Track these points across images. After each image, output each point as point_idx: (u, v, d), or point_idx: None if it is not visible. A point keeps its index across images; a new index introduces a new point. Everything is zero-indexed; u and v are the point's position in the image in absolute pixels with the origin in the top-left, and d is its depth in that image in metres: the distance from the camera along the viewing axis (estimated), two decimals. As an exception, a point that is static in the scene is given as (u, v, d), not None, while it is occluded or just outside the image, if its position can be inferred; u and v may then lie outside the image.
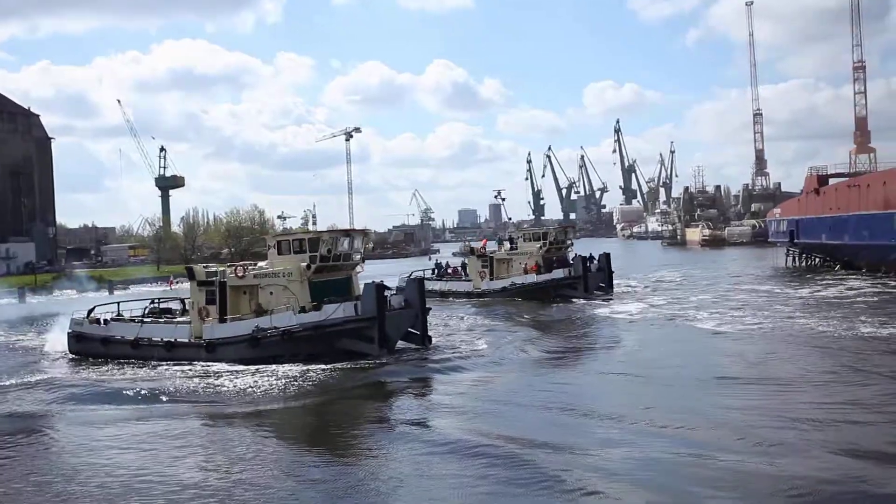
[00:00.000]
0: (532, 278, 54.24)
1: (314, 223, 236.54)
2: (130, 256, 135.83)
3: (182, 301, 36.76)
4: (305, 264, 32.00)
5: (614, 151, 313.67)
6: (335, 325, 30.31)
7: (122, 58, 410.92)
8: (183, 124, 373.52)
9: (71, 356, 34.44)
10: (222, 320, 31.82)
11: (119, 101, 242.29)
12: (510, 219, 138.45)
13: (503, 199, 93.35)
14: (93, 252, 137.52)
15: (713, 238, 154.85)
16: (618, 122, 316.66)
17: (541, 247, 56.99)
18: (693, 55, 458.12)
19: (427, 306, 33.18)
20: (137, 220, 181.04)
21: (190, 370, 29.45)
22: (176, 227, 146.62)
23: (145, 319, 34.43)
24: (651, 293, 55.01)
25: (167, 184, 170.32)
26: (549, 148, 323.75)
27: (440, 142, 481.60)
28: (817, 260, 74.76)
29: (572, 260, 56.30)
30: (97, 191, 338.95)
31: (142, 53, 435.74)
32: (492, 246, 62.97)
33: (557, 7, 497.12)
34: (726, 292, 53.18)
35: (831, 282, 56.18)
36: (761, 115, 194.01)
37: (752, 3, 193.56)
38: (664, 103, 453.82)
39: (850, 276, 59.17)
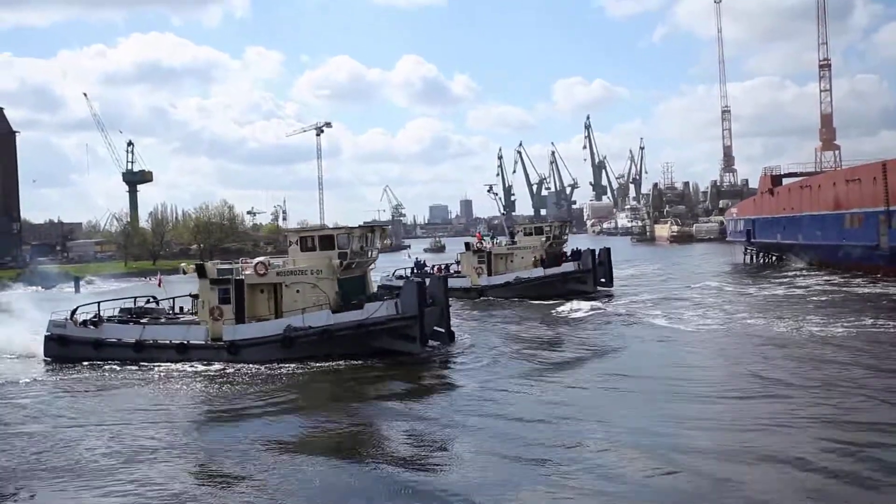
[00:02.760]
0: (539, 272, 52.71)
1: (284, 219, 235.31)
2: (97, 252, 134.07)
3: (155, 299, 35.62)
4: (338, 261, 31.03)
5: (584, 147, 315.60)
6: (378, 324, 29.45)
7: (87, 51, 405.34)
8: (150, 118, 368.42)
9: (47, 361, 32.05)
10: (240, 320, 30.49)
11: (86, 95, 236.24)
12: (503, 213, 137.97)
13: (496, 194, 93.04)
14: (58, 248, 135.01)
15: (681, 234, 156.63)
16: (588, 118, 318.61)
17: (545, 241, 55.85)
18: (660, 52, 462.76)
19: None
20: (104, 216, 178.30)
21: (254, 371, 28.23)
22: (144, 222, 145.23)
23: (141, 321, 32.61)
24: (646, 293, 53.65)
25: (135, 179, 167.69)
26: (521, 144, 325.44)
27: (410, 137, 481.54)
28: (773, 258, 76.29)
29: (570, 254, 55.33)
30: (63, 186, 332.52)
31: (108, 47, 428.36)
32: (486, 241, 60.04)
33: (526, 4, 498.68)
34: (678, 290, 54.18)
35: (784, 280, 57.36)
36: (729, 111, 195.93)
37: (720, 0, 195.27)
38: (632, 100, 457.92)
39: (801, 275, 60.33)
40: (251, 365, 28.90)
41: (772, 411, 20.02)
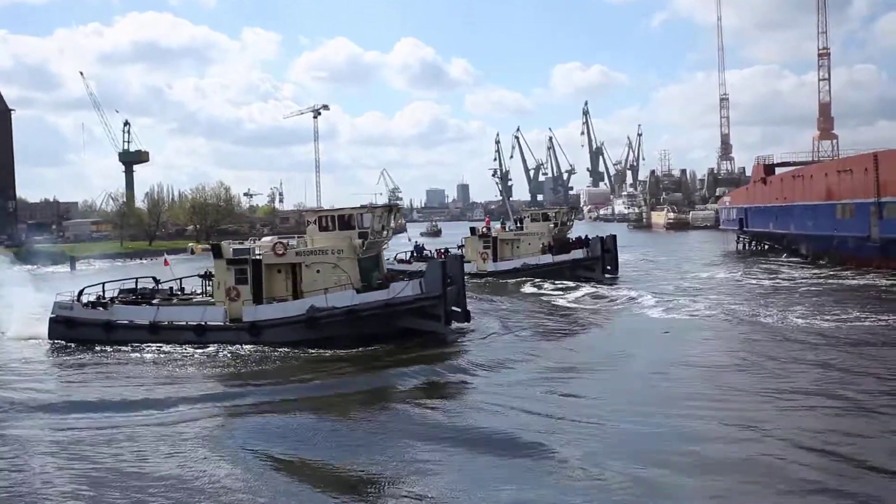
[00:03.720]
0: (548, 259, 52.68)
1: (281, 201, 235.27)
2: (93, 232, 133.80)
3: (155, 280, 35.21)
4: (360, 241, 31.01)
5: (582, 133, 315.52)
6: (404, 304, 29.55)
7: (84, 29, 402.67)
8: (147, 98, 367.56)
9: (53, 343, 31.38)
10: (257, 301, 30.29)
11: (82, 74, 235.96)
12: (502, 197, 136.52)
13: (499, 179, 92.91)
14: (54, 227, 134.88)
15: (677, 221, 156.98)
16: (586, 104, 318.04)
17: (553, 226, 55.67)
18: (659, 38, 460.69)
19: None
20: (100, 196, 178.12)
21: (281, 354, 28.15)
22: (140, 202, 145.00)
23: (152, 302, 32.11)
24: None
25: (131, 158, 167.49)
26: (518, 129, 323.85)
27: (408, 121, 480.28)
28: (765, 246, 76.64)
29: (574, 241, 55.33)
30: (59, 165, 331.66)
31: (105, 25, 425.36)
32: (495, 226, 60.41)
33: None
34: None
35: (772, 268, 57.90)
36: (727, 99, 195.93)
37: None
38: (631, 86, 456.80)
39: (787, 264, 60.90)
40: (274, 347, 28.73)
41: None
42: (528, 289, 48.15)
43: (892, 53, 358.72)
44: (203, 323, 30.07)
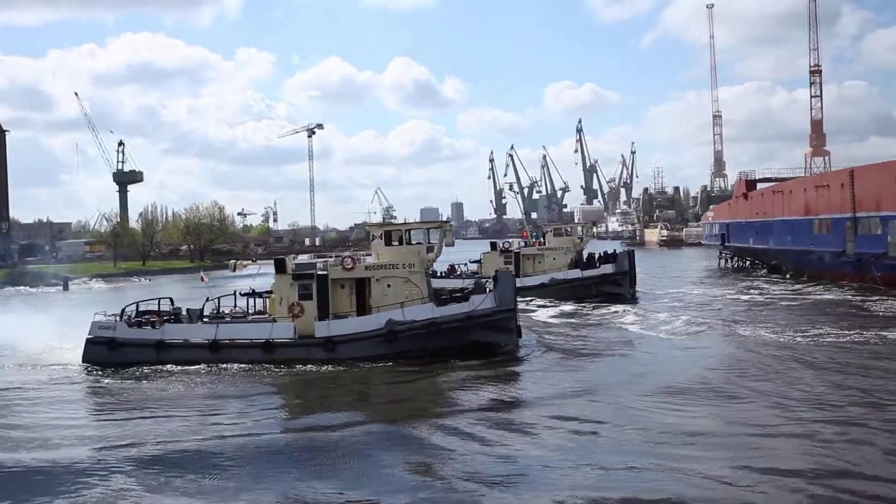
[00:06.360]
0: (576, 273, 51.72)
1: (275, 220, 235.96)
2: (86, 252, 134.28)
3: (171, 301, 32.91)
4: (432, 255, 31.08)
5: (576, 151, 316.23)
6: (483, 317, 29.51)
7: (78, 51, 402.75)
8: (141, 118, 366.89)
9: (91, 367, 29.31)
10: (323, 316, 29.59)
11: (77, 95, 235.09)
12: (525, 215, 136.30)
13: (516, 193, 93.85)
14: (48, 248, 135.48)
15: (671, 239, 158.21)
16: (580, 121, 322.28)
17: (579, 240, 55.22)
18: (650, 57, 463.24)
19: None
20: (94, 216, 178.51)
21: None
22: (134, 222, 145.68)
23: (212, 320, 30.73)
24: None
25: (126, 179, 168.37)
26: (512, 147, 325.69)
27: (402, 140, 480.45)
28: (747, 262, 77.46)
29: (600, 256, 54.64)
30: (53, 185, 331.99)
31: (99, 46, 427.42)
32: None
33: (517, 8, 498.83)
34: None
35: (752, 285, 58.46)
36: (720, 116, 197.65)
37: (712, 5, 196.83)
38: (623, 104, 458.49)
39: (765, 281, 61.51)
40: (351, 363, 28.32)
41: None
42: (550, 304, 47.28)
43: (880, 70, 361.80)
44: (271, 339, 29.20)
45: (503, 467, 16.72)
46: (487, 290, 30.47)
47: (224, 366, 28.50)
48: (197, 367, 28.50)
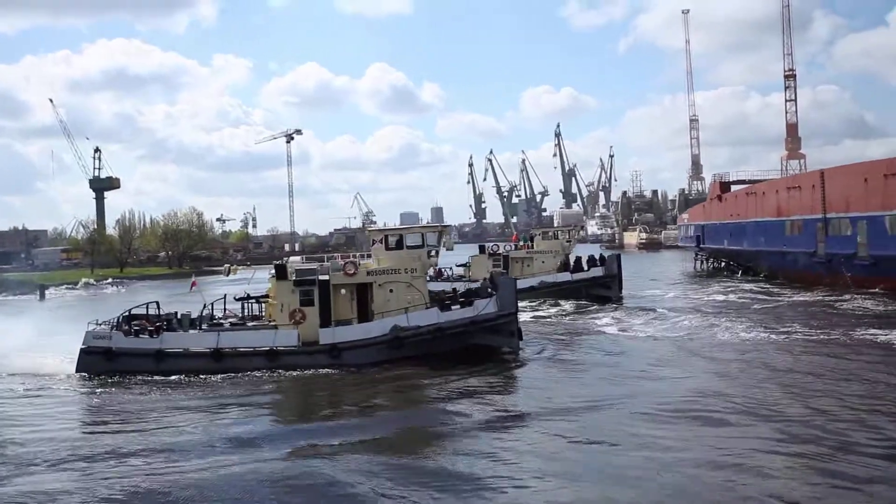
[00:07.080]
0: (566, 276, 52.10)
1: (254, 226, 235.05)
2: (63, 260, 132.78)
3: (157, 305, 31.32)
4: (434, 259, 31.22)
5: (555, 155, 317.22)
6: (487, 321, 29.62)
7: (52, 57, 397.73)
8: (117, 125, 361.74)
9: (87, 378, 28.33)
10: (325, 323, 29.23)
11: (52, 101, 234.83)
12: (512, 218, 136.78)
13: (518, 196, 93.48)
14: (23, 255, 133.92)
15: (650, 241, 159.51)
16: (558, 126, 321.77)
17: (568, 243, 55.62)
18: (625, 62, 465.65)
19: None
20: (71, 223, 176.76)
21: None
22: (111, 229, 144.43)
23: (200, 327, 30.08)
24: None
25: (102, 185, 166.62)
26: (491, 151, 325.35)
27: (380, 145, 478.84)
28: (722, 264, 78.14)
29: (588, 259, 54.68)
30: (28, 193, 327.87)
31: (73, 53, 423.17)
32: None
33: (493, 13, 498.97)
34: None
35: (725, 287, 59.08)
36: (697, 120, 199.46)
37: (688, 11, 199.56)
38: (600, 108, 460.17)
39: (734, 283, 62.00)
40: (356, 369, 28.04)
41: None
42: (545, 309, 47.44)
43: (851, 75, 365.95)
44: (275, 347, 28.66)
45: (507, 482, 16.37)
46: (490, 293, 30.48)
47: (228, 375, 27.71)
48: (201, 377, 27.68)
